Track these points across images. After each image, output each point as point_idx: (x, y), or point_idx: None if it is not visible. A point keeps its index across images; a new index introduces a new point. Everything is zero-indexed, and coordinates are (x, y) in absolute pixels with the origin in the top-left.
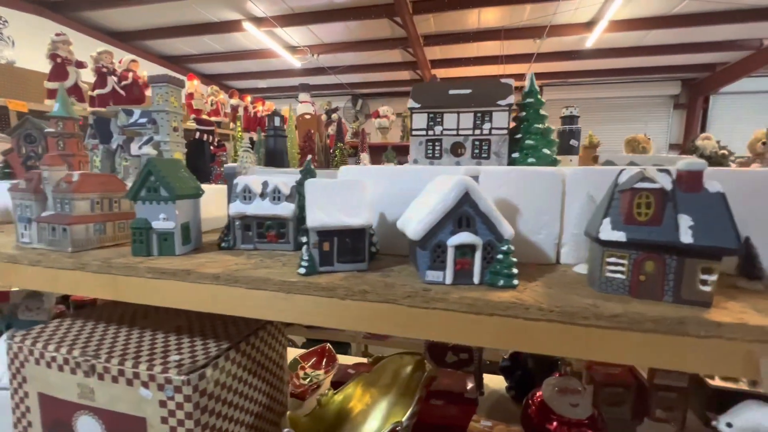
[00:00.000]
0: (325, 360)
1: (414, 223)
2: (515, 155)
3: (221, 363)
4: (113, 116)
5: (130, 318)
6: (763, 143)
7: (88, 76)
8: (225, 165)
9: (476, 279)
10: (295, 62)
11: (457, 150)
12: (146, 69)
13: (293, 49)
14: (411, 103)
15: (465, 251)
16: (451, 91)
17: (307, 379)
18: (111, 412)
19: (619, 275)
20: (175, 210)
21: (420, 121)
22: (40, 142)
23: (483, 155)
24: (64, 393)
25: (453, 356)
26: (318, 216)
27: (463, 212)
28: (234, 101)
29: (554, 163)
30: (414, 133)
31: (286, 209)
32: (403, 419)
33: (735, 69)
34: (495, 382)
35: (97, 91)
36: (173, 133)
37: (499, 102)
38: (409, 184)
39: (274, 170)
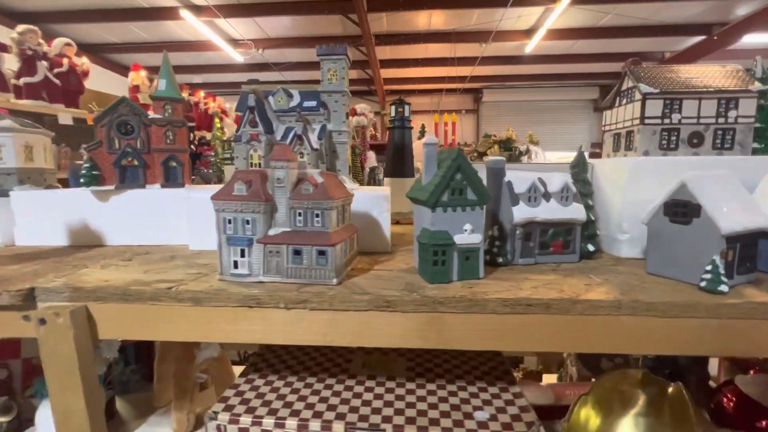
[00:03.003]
0: None
1: None
2: (755, 145)
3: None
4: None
5: (319, 364)
6: None
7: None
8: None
9: None
10: (238, 56)
11: (692, 140)
12: None
13: (235, 42)
14: (645, 88)
15: None
16: (686, 76)
17: None
18: None
19: None
20: (482, 218)
21: (654, 108)
22: (138, 134)
23: (726, 146)
24: None
25: (608, 362)
26: (736, 217)
27: None
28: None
29: None
30: (646, 121)
31: (579, 212)
32: None
33: None
34: None
35: (24, 80)
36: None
37: (750, 87)
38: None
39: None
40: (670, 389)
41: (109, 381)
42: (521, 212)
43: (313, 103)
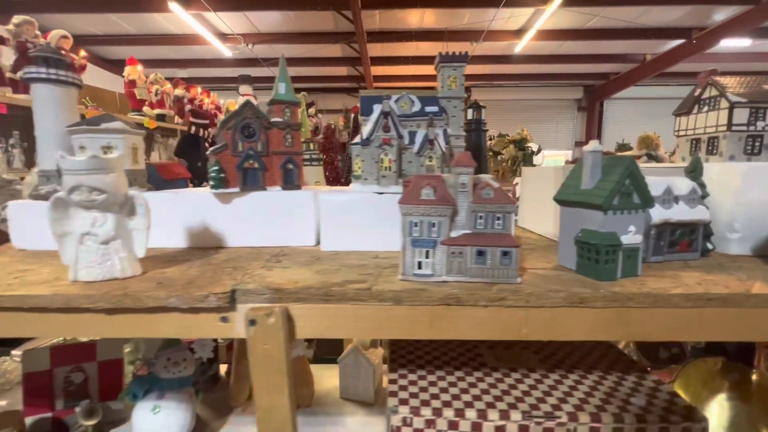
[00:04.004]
0: None
1: None
2: None
3: None
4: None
5: (460, 356)
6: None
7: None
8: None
9: None
10: (226, 51)
11: None
12: None
13: (224, 36)
14: (734, 97)
15: None
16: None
17: None
18: None
19: None
20: (643, 220)
21: (741, 116)
22: (259, 137)
23: None
24: None
25: (665, 351)
26: None
27: None
28: (179, 92)
29: None
30: (734, 128)
31: (704, 213)
32: None
33: (623, 78)
34: None
35: (21, 73)
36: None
37: None
38: None
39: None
40: (754, 375)
41: (196, 381)
42: (658, 214)
43: (435, 109)
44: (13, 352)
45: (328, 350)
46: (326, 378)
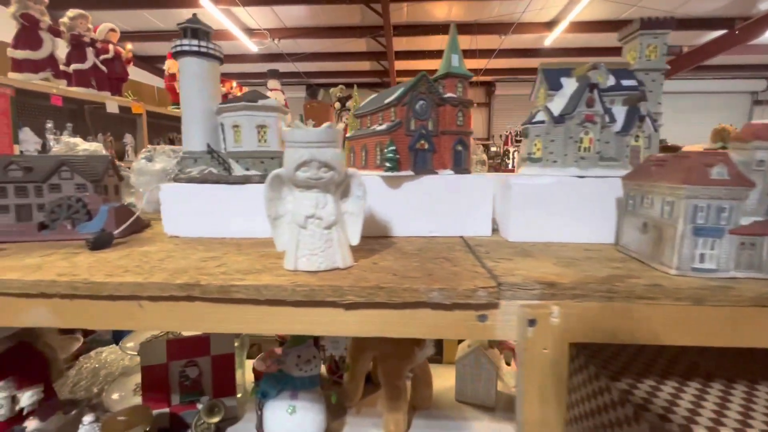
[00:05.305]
0: None
1: None
2: None
3: None
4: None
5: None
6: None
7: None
8: None
9: None
10: (252, 46)
11: None
12: None
13: (250, 31)
14: None
15: None
16: None
17: None
18: None
19: None
20: None
21: None
22: (430, 114)
23: None
24: None
25: None
26: None
27: None
28: None
29: None
30: None
31: None
32: None
33: None
34: None
35: (74, 66)
36: None
37: None
38: None
39: None
40: None
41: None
42: None
43: (632, 82)
44: (127, 344)
45: None
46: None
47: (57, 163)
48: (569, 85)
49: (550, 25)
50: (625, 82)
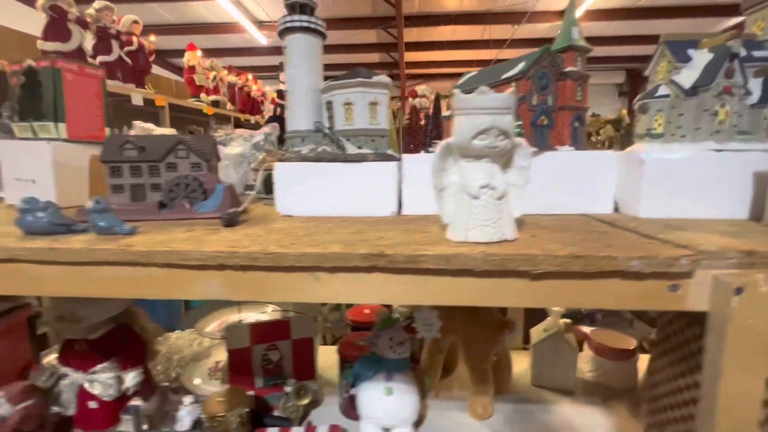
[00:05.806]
0: None
1: None
2: None
3: None
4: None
5: None
6: None
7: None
8: None
9: None
10: (262, 39)
11: None
12: None
13: (260, 24)
14: None
15: None
16: None
17: None
18: None
19: None
20: None
21: None
22: (550, 89)
23: None
24: None
25: None
26: None
27: None
28: (232, 78)
29: None
30: None
31: None
32: None
33: None
34: None
35: (101, 58)
36: None
37: None
38: None
39: None
40: None
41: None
42: None
43: (764, 53)
44: (207, 329)
45: None
46: None
47: (174, 141)
48: (700, 56)
49: (564, 14)
50: (757, 53)
